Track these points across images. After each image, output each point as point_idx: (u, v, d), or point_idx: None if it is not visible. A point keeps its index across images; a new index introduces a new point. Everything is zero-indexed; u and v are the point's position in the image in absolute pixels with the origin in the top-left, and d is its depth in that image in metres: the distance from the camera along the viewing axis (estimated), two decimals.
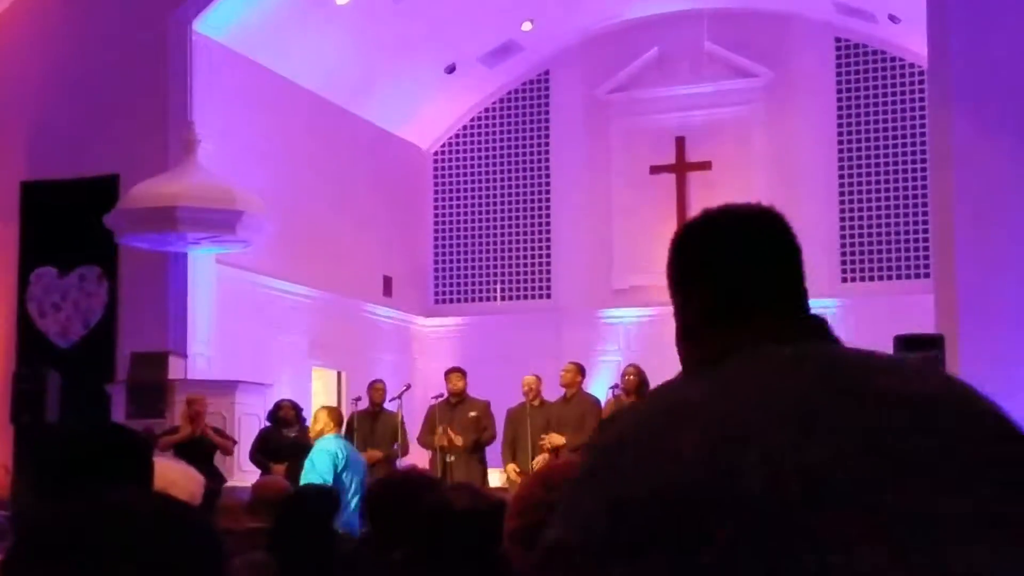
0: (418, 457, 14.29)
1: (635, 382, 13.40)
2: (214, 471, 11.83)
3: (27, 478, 3.03)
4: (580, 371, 13.97)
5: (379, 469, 13.10)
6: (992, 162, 14.16)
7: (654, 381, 13.72)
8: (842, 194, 18.65)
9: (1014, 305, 13.95)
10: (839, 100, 18.80)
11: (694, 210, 13.67)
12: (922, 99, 17.51)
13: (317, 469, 10.88)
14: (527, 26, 19.06)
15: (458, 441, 13.45)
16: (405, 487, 5.13)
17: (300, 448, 11.95)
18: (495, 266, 20.43)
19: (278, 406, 13.23)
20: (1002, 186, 14.14)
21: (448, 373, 14.07)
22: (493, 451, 13.79)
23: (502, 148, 20.51)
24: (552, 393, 13.93)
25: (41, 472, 3.04)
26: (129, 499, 1.94)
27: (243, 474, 12.79)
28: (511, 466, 13.41)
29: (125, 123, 14.97)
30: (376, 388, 14.21)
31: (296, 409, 13.28)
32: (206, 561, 1.88)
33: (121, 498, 1.94)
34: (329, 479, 10.79)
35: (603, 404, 13.69)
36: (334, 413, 11.60)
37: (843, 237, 18.61)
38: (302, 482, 10.67)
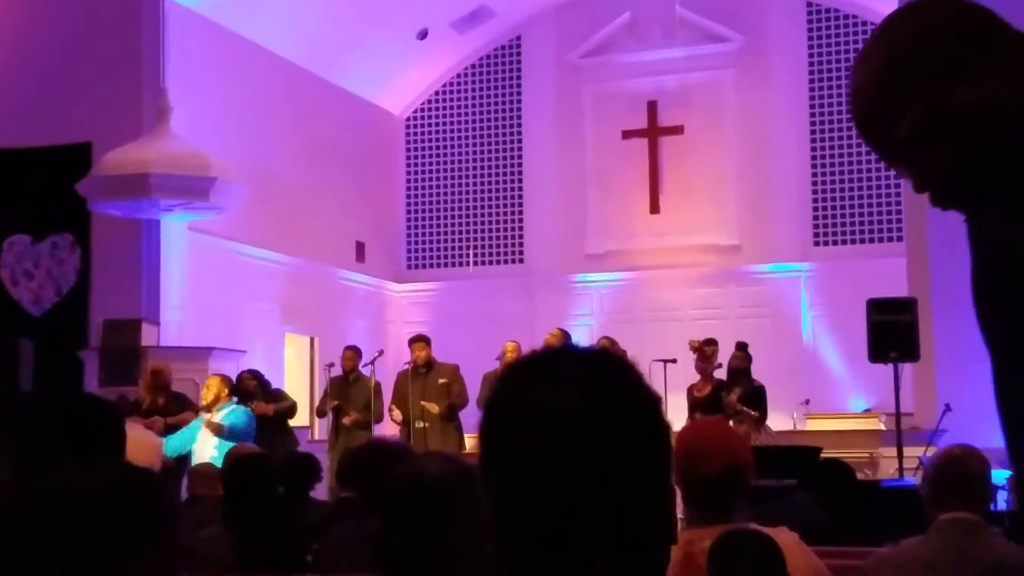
0: (393, 423, 14.30)
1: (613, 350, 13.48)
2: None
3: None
4: (566, 336, 14.03)
5: (356, 435, 13.14)
6: None
7: (626, 344, 13.79)
8: (814, 158, 18.69)
9: None
10: (811, 65, 18.82)
11: (666, 174, 13.75)
12: None
13: (240, 424, 10.93)
14: None
15: (434, 409, 13.47)
16: (376, 455, 5.16)
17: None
18: (468, 232, 20.43)
19: (239, 378, 13.11)
20: None
21: (411, 342, 14.07)
22: (469, 417, 13.80)
23: (474, 114, 20.48)
24: None
25: (12, 443, 3.05)
26: (78, 475, 1.95)
27: None
28: None
29: (98, 90, 14.88)
30: (347, 355, 14.20)
31: (259, 380, 13.22)
32: (153, 534, 1.89)
33: (68, 474, 1.95)
34: (249, 431, 10.90)
35: None
36: (228, 381, 11.57)
37: (815, 201, 18.66)
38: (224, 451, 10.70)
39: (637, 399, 1.64)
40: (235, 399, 11.64)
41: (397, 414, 13.66)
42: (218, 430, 11.02)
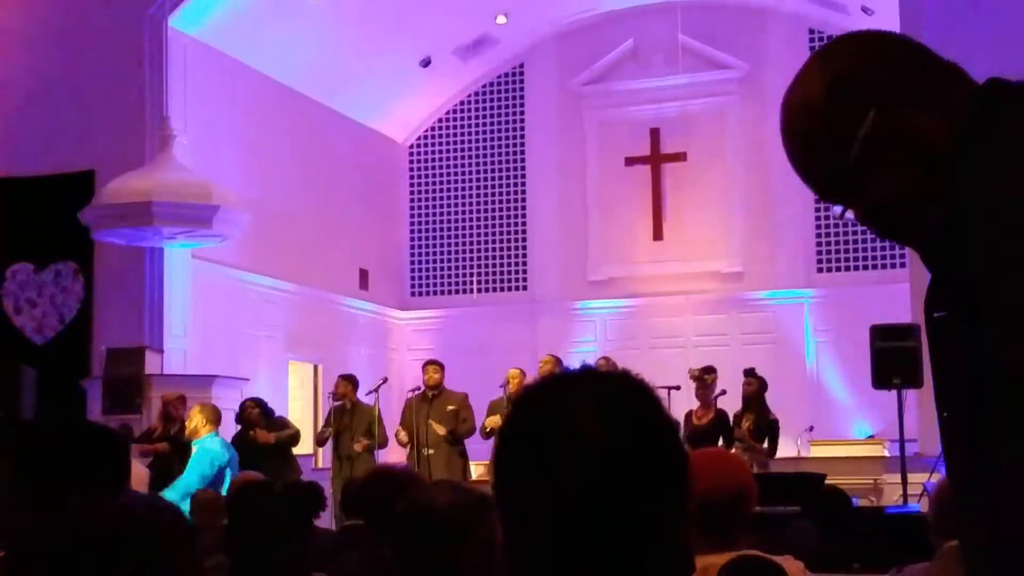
0: (397, 449, 14.28)
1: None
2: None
3: (2, 477, 3.00)
4: (558, 363, 14.00)
5: (359, 463, 13.12)
6: None
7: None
8: None
9: None
10: None
11: (669, 201, 13.77)
12: None
13: (196, 469, 10.85)
14: (502, 19, 19.08)
15: (440, 430, 13.43)
16: (383, 484, 5.14)
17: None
18: (471, 259, 20.43)
19: (242, 407, 13.12)
20: None
21: (425, 365, 14.07)
22: (473, 444, 13.79)
23: (477, 141, 20.51)
24: None
25: (16, 472, 3.04)
26: (87, 510, 1.94)
27: None
28: None
29: (101, 118, 14.92)
30: (340, 384, 14.13)
31: (261, 408, 13.19)
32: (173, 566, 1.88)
33: (79, 510, 1.94)
34: (209, 475, 10.81)
35: None
36: (208, 411, 11.51)
37: (818, 228, 18.66)
38: (183, 483, 10.63)
39: (655, 425, 1.60)
40: (216, 431, 11.52)
41: (403, 435, 13.61)
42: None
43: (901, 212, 1.88)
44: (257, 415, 12.99)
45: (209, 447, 11.02)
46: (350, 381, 14.17)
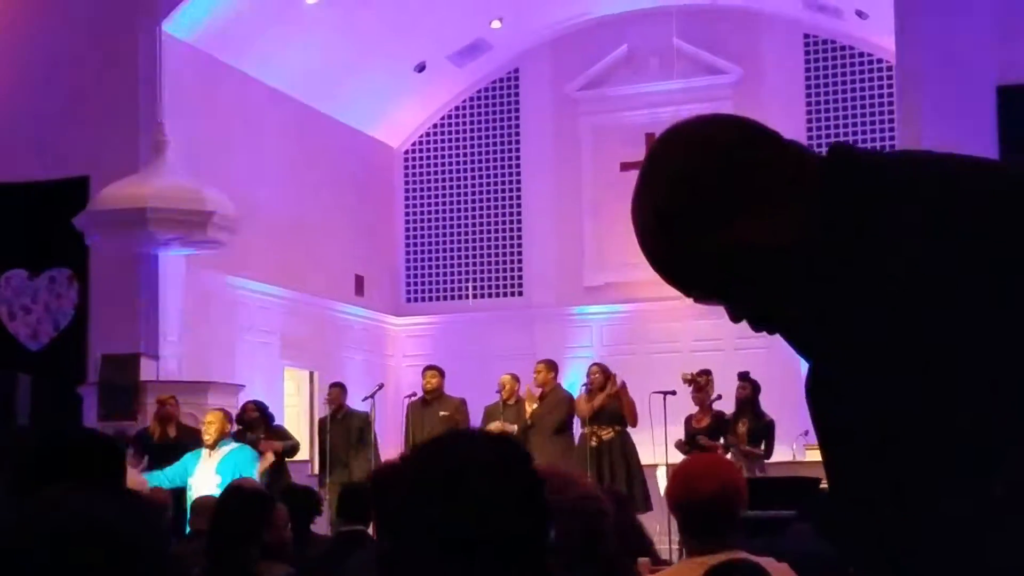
0: (389, 455, 14.26)
1: (601, 380, 13.50)
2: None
3: None
4: (551, 368, 14.01)
5: (356, 468, 13.13)
6: None
7: (626, 376, 13.79)
8: None
9: None
10: (808, 96, 18.86)
11: None
12: (890, 94, 17.58)
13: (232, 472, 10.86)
14: (496, 24, 19.07)
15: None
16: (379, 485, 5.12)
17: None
18: (467, 265, 20.42)
19: (243, 409, 13.17)
20: None
21: (424, 371, 14.10)
22: None
23: (472, 146, 20.50)
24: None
25: (11, 477, 3.04)
26: (65, 503, 1.95)
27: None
28: None
29: (95, 125, 14.90)
30: (332, 393, 14.18)
31: (261, 411, 13.20)
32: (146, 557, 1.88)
33: (56, 502, 1.95)
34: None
35: (575, 399, 13.79)
36: (228, 417, 11.54)
37: None
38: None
39: (518, 483, 1.81)
40: (233, 434, 11.58)
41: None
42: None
43: (762, 309, 1.88)
44: (257, 418, 13.00)
45: (244, 450, 11.07)
46: (342, 390, 14.23)
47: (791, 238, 1.78)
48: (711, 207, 1.79)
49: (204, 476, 11.01)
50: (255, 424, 12.92)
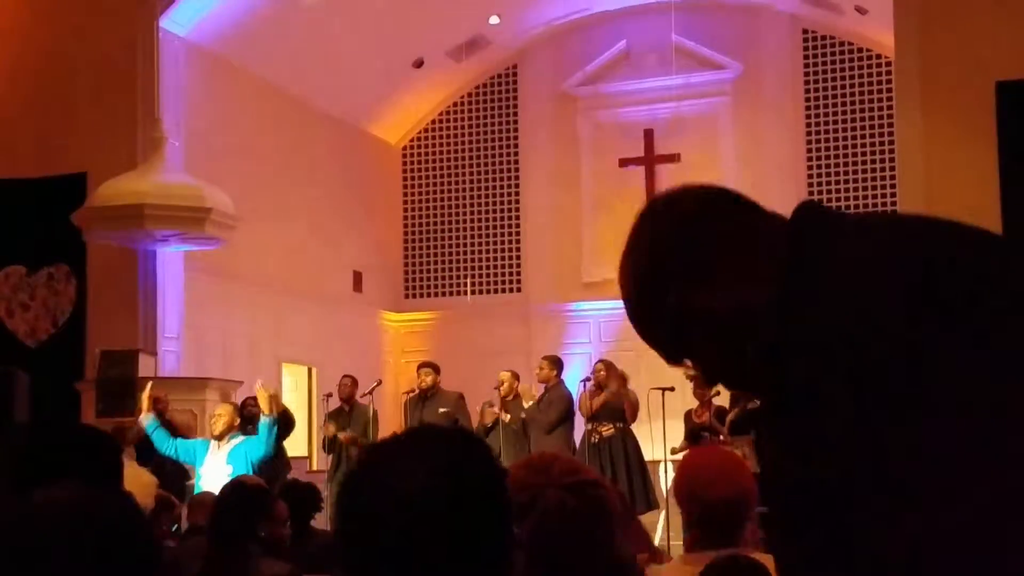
0: None
1: (605, 376, 13.48)
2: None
3: None
4: (555, 364, 14.00)
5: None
6: (958, 153, 14.22)
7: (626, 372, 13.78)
8: (811, 185, 18.70)
9: None
10: (807, 92, 18.85)
11: None
12: (890, 91, 17.57)
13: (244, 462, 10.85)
14: (494, 20, 19.06)
15: None
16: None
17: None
18: (465, 261, 20.41)
19: (243, 404, 13.19)
20: (968, 178, 14.20)
21: (418, 368, 14.09)
22: None
23: (471, 143, 20.49)
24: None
25: (10, 475, 3.03)
26: (49, 500, 1.95)
27: None
28: None
29: (93, 121, 14.87)
30: (343, 384, 14.20)
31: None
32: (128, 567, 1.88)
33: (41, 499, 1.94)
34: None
35: (576, 397, 13.76)
36: (238, 410, 11.53)
37: None
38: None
39: (472, 481, 1.80)
40: (240, 431, 11.55)
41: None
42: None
43: (726, 372, 1.98)
44: (258, 413, 12.99)
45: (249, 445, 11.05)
46: (350, 383, 14.24)
47: (749, 303, 1.85)
48: (669, 274, 1.91)
49: (214, 467, 10.98)
50: (257, 419, 12.92)
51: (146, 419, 11.09)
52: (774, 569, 1.84)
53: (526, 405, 13.59)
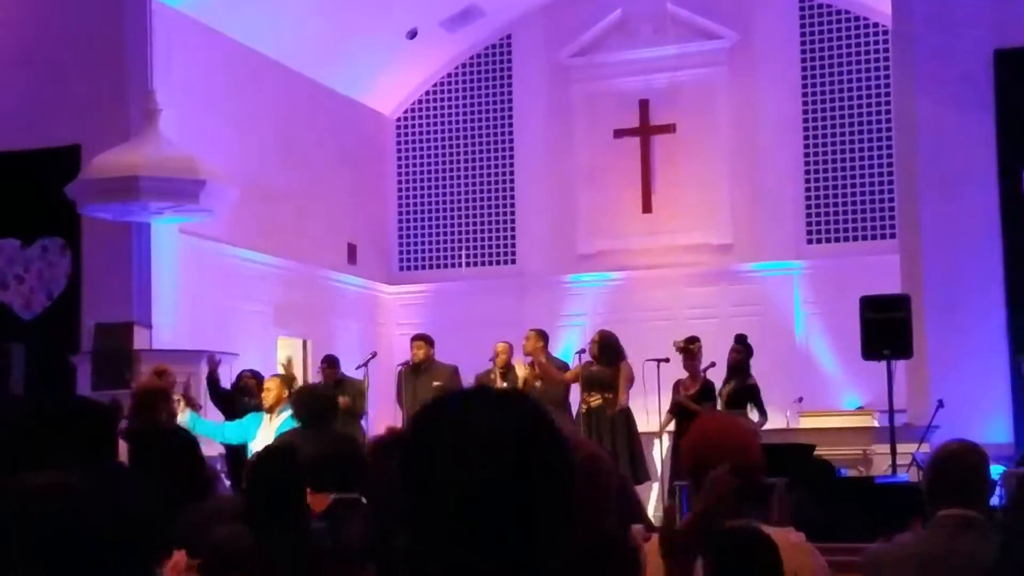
0: (381, 424, 14.26)
1: (599, 348, 13.44)
2: None
3: None
4: (540, 336, 13.96)
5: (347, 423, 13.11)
6: (956, 122, 14.21)
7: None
8: (807, 156, 18.66)
9: (978, 264, 14.03)
10: (803, 61, 18.79)
11: (658, 173, 13.76)
12: (887, 59, 17.53)
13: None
14: None
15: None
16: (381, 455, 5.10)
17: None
18: (459, 233, 20.39)
19: (239, 377, 13.19)
20: (965, 146, 14.19)
21: (412, 340, 14.08)
22: None
23: (465, 114, 20.43)
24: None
25: (6, 447, 3.01)
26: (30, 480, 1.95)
27: None
28: None
29: (86, 93, 14.84)
30: (321, 370, 14.20)
31: (257, 379, 13.21)
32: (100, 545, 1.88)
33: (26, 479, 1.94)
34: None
35: (571, 368, 13.75)
36: (286, 382, 11.49)
37: (808, 199, 18.62)
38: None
39: (537, 443, 1.80)
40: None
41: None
42: None
43: None
44: (254, 385, 12.99)
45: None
46: (333, 363, 14.24)
47: None
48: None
49: (265, 441, 10.95)
50: (252, 391, 12.91)
51: (184, 417, 11.02)
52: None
53: (521, 376, 13.56)
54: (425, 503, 1.78)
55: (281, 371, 11.68)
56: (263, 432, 10.97)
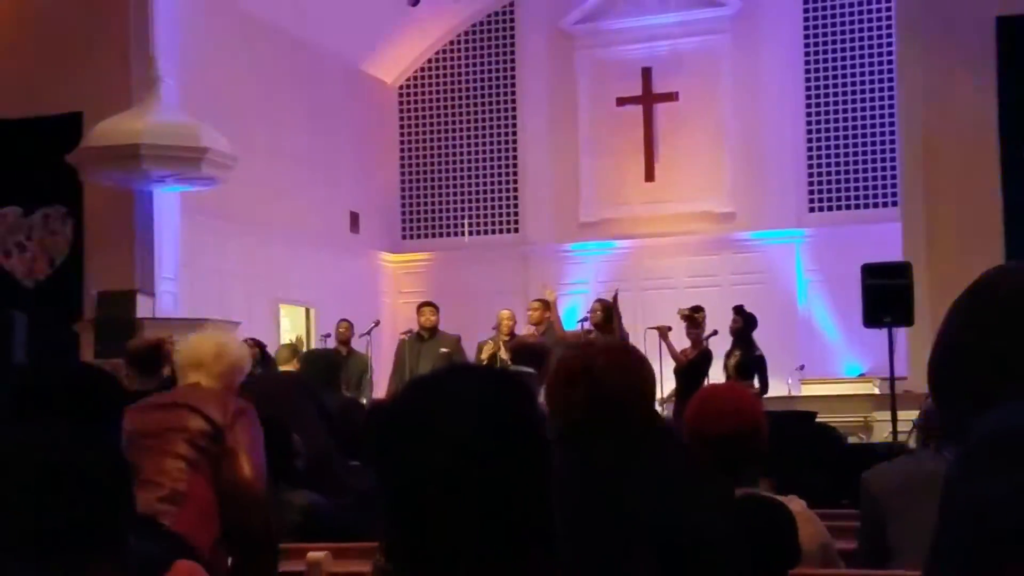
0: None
1: (601, 317, 13.42)
2: None
3: None
4: (546, 307, 13.96)
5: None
6: (958, 90, 14.18)
7: (621, 312, 13.76)
8: (809, 124, 18.64)
9: (980, 232, 14.01)
10: (806, 29, 18.74)
11: (661, 141, 13.72)
12: (890, 27, 17.48)
13: None
14: None
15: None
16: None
17: None
18: (462, 201, 20.38)
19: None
20: (968, 113, 14.16)
21: (420, 307, 14.07)
22: None
23: (468, 82, 20.40)
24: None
25: (7, 413, 3.03)
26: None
27: None
28: None
29: (87, 60, 14.80)
30: (342, 329, 14.19)
31: (260, 347, 13.22)
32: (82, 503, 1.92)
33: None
34: None
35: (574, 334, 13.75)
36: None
37: (810, 167, 18.61)
38: None
39: (512, 421, 1.78)
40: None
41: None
42: None
43: None
44: (256, 354, 13.00)
45: None
46: (349, 328, 14.24)
47: None
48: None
49: None
50: (255, 360, 12.92)
51: None
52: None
53: (487, 350, 13.52)
54: (399, 489, 1.76)
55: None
56: None
